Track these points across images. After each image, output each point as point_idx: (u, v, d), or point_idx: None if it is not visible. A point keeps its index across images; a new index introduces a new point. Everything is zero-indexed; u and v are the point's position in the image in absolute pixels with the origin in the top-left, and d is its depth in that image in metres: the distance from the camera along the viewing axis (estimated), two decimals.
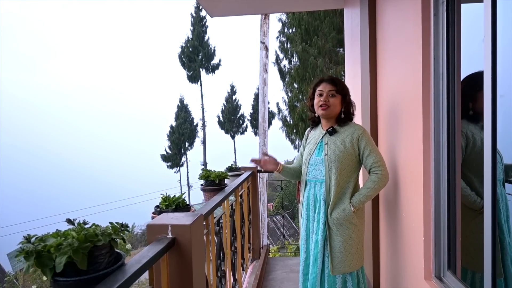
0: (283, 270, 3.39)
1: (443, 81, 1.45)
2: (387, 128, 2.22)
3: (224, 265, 2.24)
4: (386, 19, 2.14)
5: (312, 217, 2.07)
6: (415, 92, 1.63)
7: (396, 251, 2.04)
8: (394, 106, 2.02)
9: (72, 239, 0.98)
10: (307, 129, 2.31)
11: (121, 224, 1.13)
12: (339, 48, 11.89)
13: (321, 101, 2.02)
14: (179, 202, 1.68)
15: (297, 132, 12.73)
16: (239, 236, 2.82)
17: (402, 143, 1.91)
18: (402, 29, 1.82)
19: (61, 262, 0.94)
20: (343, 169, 1.97)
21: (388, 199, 2.18)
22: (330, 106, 2.01)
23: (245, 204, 3.18)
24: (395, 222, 2.04)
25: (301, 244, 2.13)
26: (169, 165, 30.48)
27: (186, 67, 29.07)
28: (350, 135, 1.99)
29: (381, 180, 1.92)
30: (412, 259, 1.74)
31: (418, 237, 1.63)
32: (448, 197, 1.45)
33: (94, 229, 1.03)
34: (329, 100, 2.01)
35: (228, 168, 3.21)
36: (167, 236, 1.34)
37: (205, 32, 29.22)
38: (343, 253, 1.94)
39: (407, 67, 1.76)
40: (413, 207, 1.73)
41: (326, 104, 2.00)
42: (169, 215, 1.47)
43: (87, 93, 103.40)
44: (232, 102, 31.90)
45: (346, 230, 1.95)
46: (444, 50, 1.44)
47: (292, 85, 12.79)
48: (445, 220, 1.47)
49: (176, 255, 1.33)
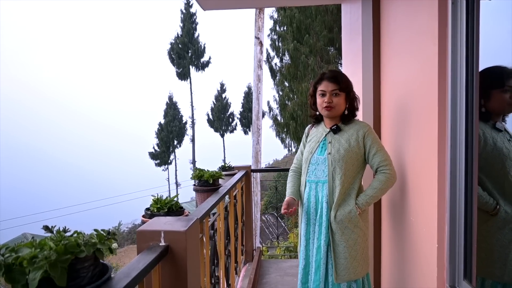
0: (277, 273, 3.27)
1: (461, 76, 1.34)
2: (393, 126, 2.11)
3: (218, 270, 2.11)
4: (393, 11, 2.03)
5: (313, 220, 1.94)
6: (429, 88, 1.52)
7: (403, 258, 1.93)
8: (402, 103, 1.92)
9: (49, 251, 0.83)
10: (308, 126, 2.17)
11: (107, 231, 0.99)
12: (330, 47, 11.85)
13: (324, 102, 1.90)
14: (172, 204, 1.54)
15: (288, 131, 12.64)
16: (233, 239, 2.69)
17: (411, 142, 1.80)
18: (413, 20, 1.71)
19: (35, 278, 0.79)
20: (347, 169, 1.85)
21: (393, 202, 2.07)
22: (334, 107, 1.89)
23: (239, 205, 3.05)
24: (401, 227, 1.93)
25: (300, 251, 1.98)
26: (157, 163, 30.16)
27: (175, 64, 28.78)
28: (355, 133, 1.88)
29: (389, 180, 1.82)
30: (422, 267, 1.64)
31: (430, 243, 1.53)
32: (466, 201, 1.34)
33: (76, 238, 0.89)
34: (333, 100, 1.89)
35: (222, 168, 3.08)
36: (159, 243, 1.20)
37: (195, 28, 28.94)
38: (348, 260, 1.81)
39: (419, 61, 1.65)
40: (424, 212, 1.62)
41: (330, 105, 1.89)
42: (161, 220, 1.33)
43: (72, 89, 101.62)
44: (221, 100, 31.70)
45: (351, 234, 1.83)
46: (463, 42, 1.33)
47: (283, 84, 12.70)
48: (461, 226, 1.36)
49: (169, 265, 1.19)
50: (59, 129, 76.97)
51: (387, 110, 2.23)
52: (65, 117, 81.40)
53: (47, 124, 78.23)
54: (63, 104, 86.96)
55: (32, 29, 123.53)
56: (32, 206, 36.48)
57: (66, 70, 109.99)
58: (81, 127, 79.31)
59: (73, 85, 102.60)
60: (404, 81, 1.90)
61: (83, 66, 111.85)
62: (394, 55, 2.06)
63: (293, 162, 2.20)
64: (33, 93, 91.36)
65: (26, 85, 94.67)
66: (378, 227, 2.35)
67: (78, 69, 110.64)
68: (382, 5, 2.25)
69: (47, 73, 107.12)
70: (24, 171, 62.79)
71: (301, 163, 2.11)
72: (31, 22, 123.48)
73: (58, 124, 78.25)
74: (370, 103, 2.35)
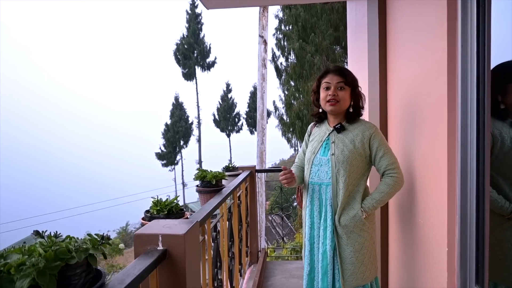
0: (282, 275, 3.22)
1: (472, 71, 1.28)
2: (400, 125, 2.05)
3: (221, 273, 2.06)
4: (399, 6, 1.97)
5: (317, 224, 1.85)
6: (438, 85, 1.46)
7: (411, 262, 1.87)
8: (409, 101, 1.85)
9: (37, 257, 0.79)
10: (310, 125, 2.07)
11: (101, 236, 0.94)
12: (336, 45, 11.76)
13: (329, 95, 1.79)
14: (172, 206, 1.50)
15: (294, 130, 12.58)
16: (236, 241, 2.64)
17: (419, 141, 1.74)
18: (421, 15, 1.65)
19: (23, 286, 0.75)
20: (352, 171, 1.76)
21: (401, 203, 2.01)
22: (339, 101, 1.78)
23: (243, 206, 3.01)
24: (409, 230, 1.87)
25: (305, 255, 1.91)
26: (164, 163, 30.28)
27: (181, 65, 28.89)
28: (360, 134, 1.78)
29: (397, 184, 1.74)
30: (431, 271, 1.58)
31: (439, 247, 1.47)
32: (477, 203, 1.28)
33: (67, 244, 0.85)
34: (338, 94, 1.78)
35: (225, 168, 3.03)
36: (157, 247, 1.16)
37: (201, 29, 29.02)
38: (355, 264, 1.73)
39: (427, 57, 1.59)
40: (433, 214, 1.56)
41: (335, 98, 1.78)
42: (160, 223, 1.29)
43: (78, 93, 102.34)
44: (227, 100, 31.73)
45: (358, 238, 1.75)
46: (473, 36, 1.27)
47: (289, 83, 12.64)
48: (472, 229, 1.30)
49: (167, 270, 1.15)
50: (66, 132, 77.76)
51: (394, 109, 2.17)
52: (73, 121, 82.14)
53: (55, 128, 79.07)
54: (69, 108, 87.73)
55: (38, 30, 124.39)
56: (42, 207, 36.88)
57: (72, 72, 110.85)
58: (88, 130, 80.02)
59: (79, 88, 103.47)
60: (411, 79, 1.83)
61: (88, 68, 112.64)
62: (400, 52, 2.00)
63: (295, 161, 2.11)
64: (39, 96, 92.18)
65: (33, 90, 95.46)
66: (386, 229, 2.29)
67: (83, 71, 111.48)
68: (388, 1, 2.19)
69: (52, 76, 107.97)
70: (34, 174, 63.49)
71: (303, 162, 2.02)
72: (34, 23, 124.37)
73: (65, 128, 79.00)
74: (376, 101, 2.29)
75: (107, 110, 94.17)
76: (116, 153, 72.54)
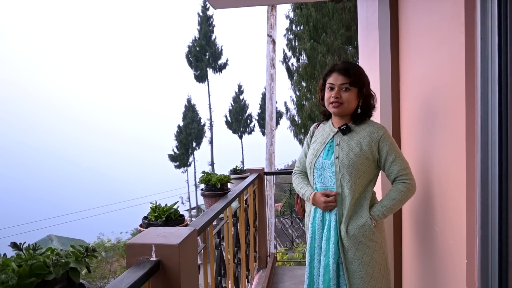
0: (292, 282, 3.12)
1: (493, 66, 1.17)
2: (414, 125, 1.94)
3: (225, 281, 1.98)
4: (412, 1, 1.86)
5: (319, 234, 1.70)
6: (455, 83, 1.35)
7: (427, 274, 1.74)
8: (424, 100, 1.74)
9: (10, 273, 0.73)
10: (313, 125, 1.94)
11: (85, 247, 0.87)
12: (348, 45, 11.60)
13: (331, 97, 1.66)
14: (170, 213, 1.42)
15: (306, 131, 12.44)
16: (243, 246, 2.56)
17: (435, 143, 1.63)
18: (436, 7, 1.54)
19: None
20: (358, 176, 1.61)
21: (416, 209, 1.89)
22: (343, 103, 1.64)
23: (251, 209, 2.93)
24: (424, 239, 1.75)
25: (306, 268, 1.77)
26: (177, 165, 30.45)
27: (193, 67, 29.04)
28: (368, 136, 1.64)
29: (409, 191, 1.60)
30: (449, 285, 1.46)
31: (458, 258, 1.35)
32: (500, 211, 1.17)
33: (44, 258, 0.78)
34: (341, 95, 1.64)
35: (232, 170, 2.95)
36: (150, 258, 1.08)
37: (212, 31, 29.12)
38: (364, 279, 1.58)
39: (443, 53, 1.48)
40: (451, 222, 1.45)
41: (338, 101, 1.64)
42: (156, 230, 1.21)
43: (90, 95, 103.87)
44: (239, 101, 31.75)
45: (366, 249, 1.60)
46: (494, 28, 1.16)
47: (300, 84, 12.52)
48: (495, 239, 1.19)
49: (161, 282, 1.07)
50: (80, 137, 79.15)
51: (407, 109, 2.06)
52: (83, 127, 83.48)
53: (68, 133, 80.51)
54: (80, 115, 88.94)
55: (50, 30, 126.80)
56: (58, 208, 37.55)
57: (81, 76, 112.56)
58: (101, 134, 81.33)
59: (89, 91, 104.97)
60: (425, 76, 1.72)
61: (100, 72, 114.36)
62: (414, 48, 1.89)
63: (296, 165, 1.96)
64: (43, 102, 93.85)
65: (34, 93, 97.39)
66: (399, 238, 2.16)
67: (94, 74, 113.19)
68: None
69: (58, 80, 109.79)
70: (52, 176, 64.77)
71: (305, 166, 1.87)
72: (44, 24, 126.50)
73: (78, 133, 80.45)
74: (389, 101, 2.18)
75: (118, 114, 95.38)
76: (129, 155, 73.47)
